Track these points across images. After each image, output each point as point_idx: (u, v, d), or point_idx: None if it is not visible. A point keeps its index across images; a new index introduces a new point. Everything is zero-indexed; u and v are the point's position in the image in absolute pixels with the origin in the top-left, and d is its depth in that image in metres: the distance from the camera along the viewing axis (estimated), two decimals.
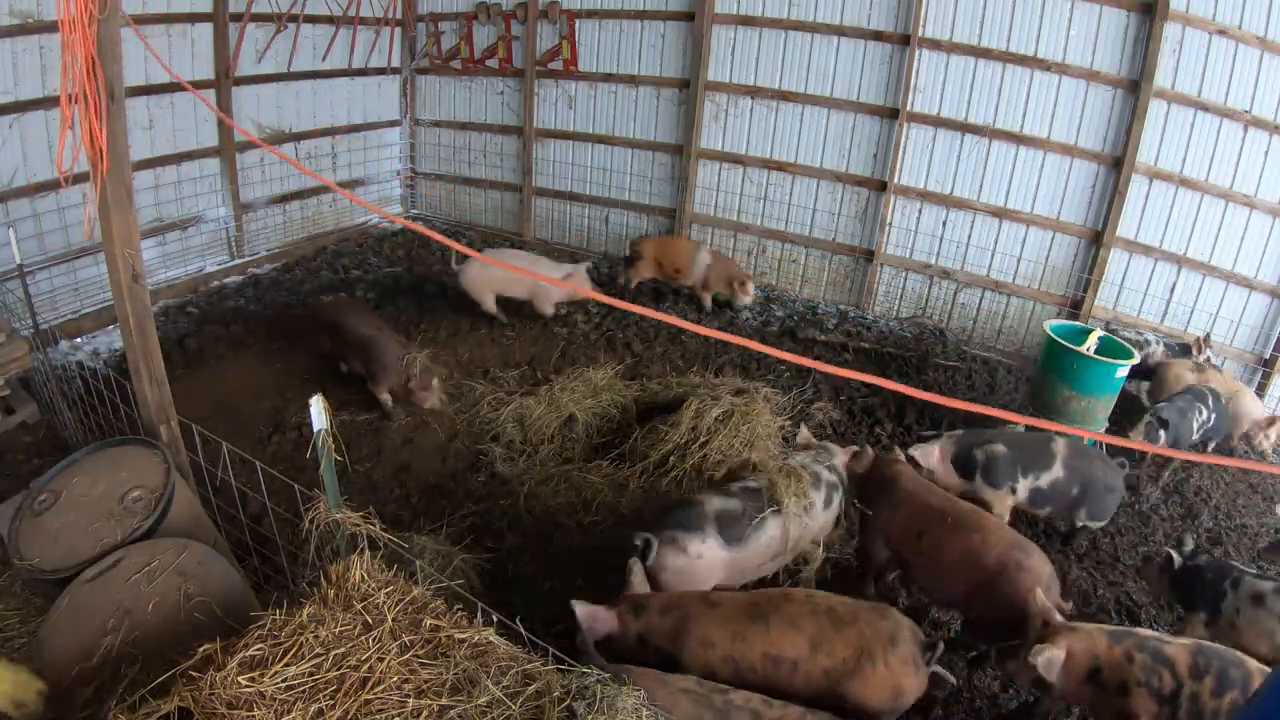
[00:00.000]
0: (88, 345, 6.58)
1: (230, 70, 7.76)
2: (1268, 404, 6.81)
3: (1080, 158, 7.06)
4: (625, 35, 8.61)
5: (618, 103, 8.94)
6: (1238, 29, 6.23)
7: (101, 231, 3.48)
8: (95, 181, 3.33)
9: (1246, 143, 6.47)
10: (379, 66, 9.59)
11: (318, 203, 9.31)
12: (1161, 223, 6.93)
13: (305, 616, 2.63)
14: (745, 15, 7.93)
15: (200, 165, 7.85)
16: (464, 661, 2.56)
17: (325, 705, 2.34)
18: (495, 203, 10.15)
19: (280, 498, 3.79)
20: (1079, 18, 6.72)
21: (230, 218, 8.24)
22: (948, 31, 7.16)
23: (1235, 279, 6.80)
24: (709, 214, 8.77)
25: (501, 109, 9.67)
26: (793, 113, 8.06)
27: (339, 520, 3.25)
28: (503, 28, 9.15)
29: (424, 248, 9.34)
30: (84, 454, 3.65)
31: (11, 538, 3.25)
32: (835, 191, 8.13)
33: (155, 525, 3.31)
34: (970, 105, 7.30)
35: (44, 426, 5.29)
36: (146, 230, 7.26)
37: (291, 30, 8.28)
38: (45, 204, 6.49)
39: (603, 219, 9.46)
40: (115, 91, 3.21)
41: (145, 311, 3.72)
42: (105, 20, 3.06)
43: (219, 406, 5.77)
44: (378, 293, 7.96)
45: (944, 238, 7.74)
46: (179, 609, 2.93)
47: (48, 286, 6.57)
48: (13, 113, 6.17)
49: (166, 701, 2.37)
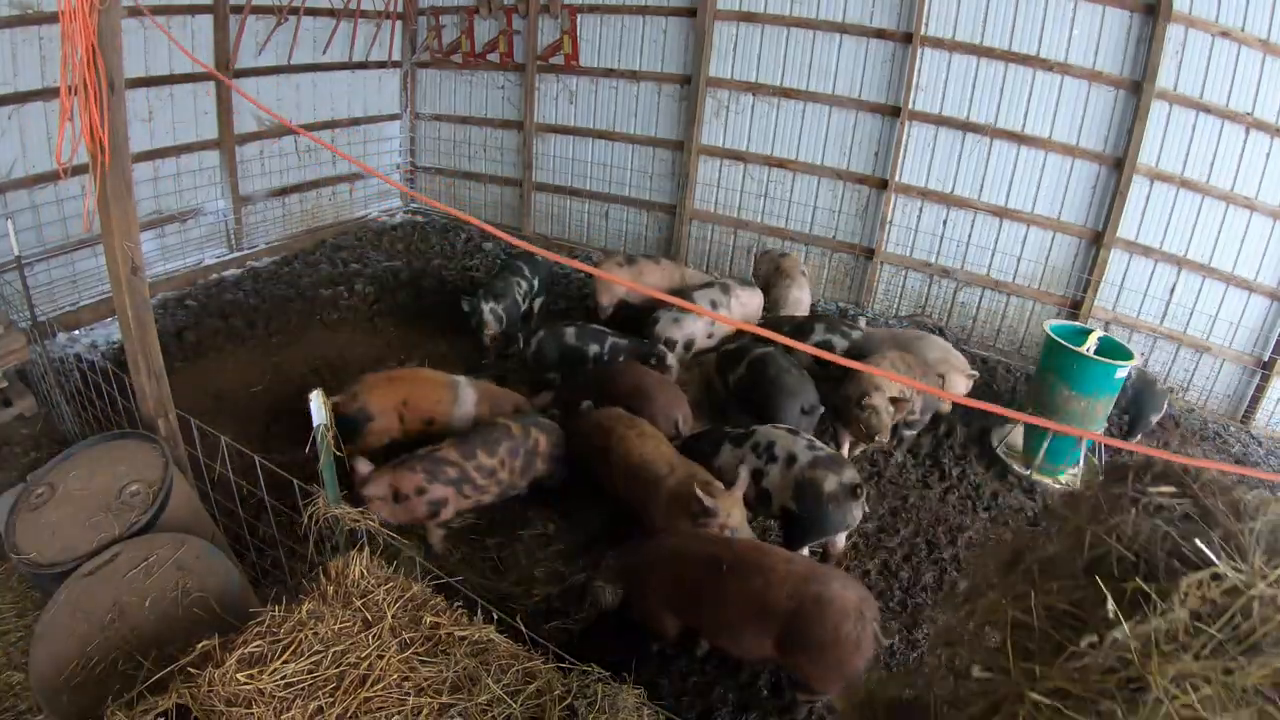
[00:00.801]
0: (86, 338, 6.56)
1: (230, 62, 7.72)
2: (1266, 406, 6.83)
3: (1081, 158, 7.05)
4: (627, 30, 8.58)
5: (619, 98, 8.91)
6: (1240, 31, 6.21)
7: (100, 223, 3.47)
8: (94, 173, 3.31)
9: (1248, 145, 6.45)
10: (379, 60, 9.55)
11: (317, 196, 9.28)
12: (1162, 224, 6.93)
13: (304, 613, 2.63)
14: (747, 11, 7.90)
15: (200, 158, 7.82)
16: (464, 659, 2.56)
17: (325, 703, 2.34)
18: (495, 197, 10.12)
19: (279, 492, 3.78)
20: (1082, 18, 6.71)
21: (229, 210, 8.21)
22: (950, 30, 7.14)
23: (1235, 281, 6.80)
24: (709, 210, 8.76)
25: (502, 103, 9.64)
26: (794, 110, 8.04)
27: (338, 516, 3.24)
28: (504, 22, 9.12)
29: (423, 241, 9.32)
30: (82, 447, 3.64)
31: (8, 531, 3.24)
32: (836, 189, 8.11)
33: (153, 519, 3.30)
34: (972, 104, 7.29)
35: (41, 419, 5.28)
36: (145, 222, 7.22)
37: (292, 23, 8.24)
38: (44, 196, 6.46)
39: (603, 214, 9.44)
40: (115, 83, 3.19)
41: (144, 304, 3.70)
42: (106, 10, 3.03)
43: (217, 400, 5.76)
44: (376, 287, 7.94)
45: (944, 236, 7.73)
46: (177, 604, 2.92)
47: (46, 278, 6.54)
48: (11, 104, 6.13)
49: (164, 698, 2.37)
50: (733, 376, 5.68)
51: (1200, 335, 6.98)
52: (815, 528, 4.23)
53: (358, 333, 7.20)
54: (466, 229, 9.75)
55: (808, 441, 4.42)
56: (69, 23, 2.99)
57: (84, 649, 2.75)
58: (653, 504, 4.18)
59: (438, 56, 9.77)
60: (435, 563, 3.89)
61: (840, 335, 6.03)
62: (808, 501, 4.17)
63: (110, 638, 2.79)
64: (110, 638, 2.79)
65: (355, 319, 7.43)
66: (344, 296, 7.72)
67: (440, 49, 9.70)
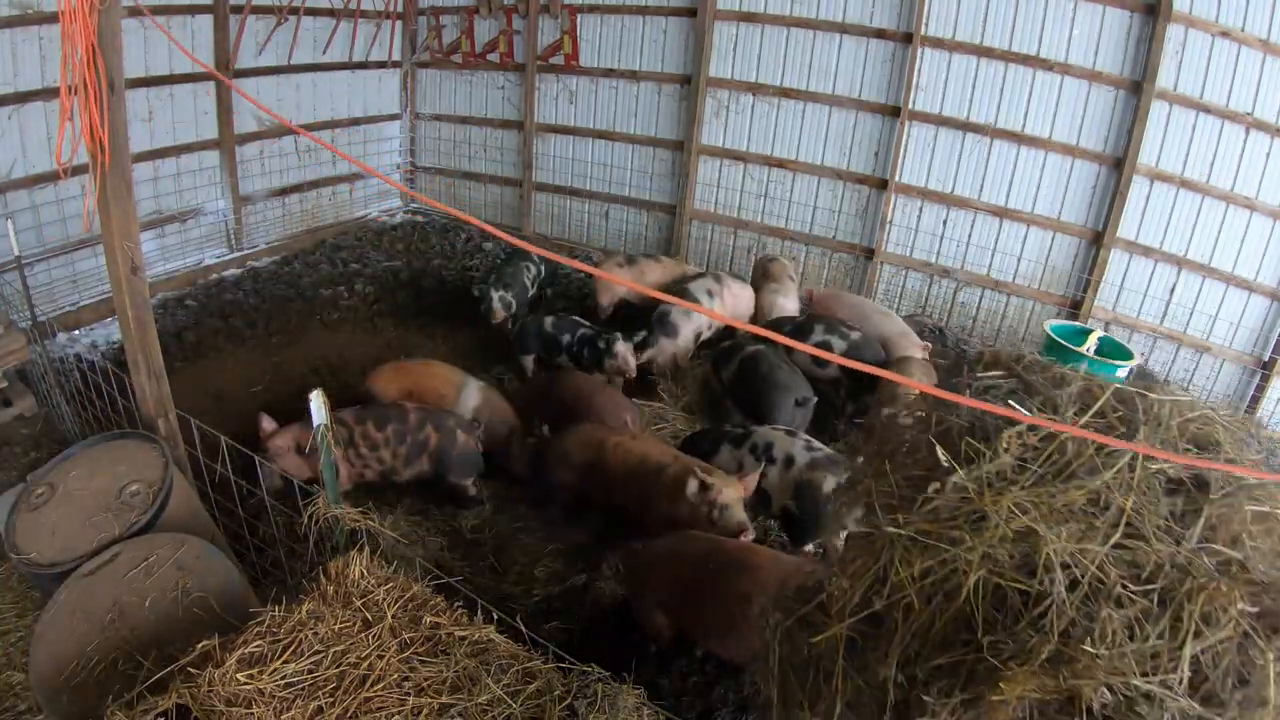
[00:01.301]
0: (86, 338, 6.56)
1: (230, 62, 7.72)
2: (1266, 407, 6.82)
3: (1082, 158, 7.05)
4: (627, 30, 8.58)
5: (619, 98, 8.91)
6: (1241, 31, 6.21)
7: (100, 223, 3.47)
8: (94, 173, 3.31)
9: (1248, 145, 6.45)
10: (379, 60, 9.54)
11: (317, 196, 9.27)
12: (1162, 224, 6.92)
13: (304, 613, 2.63)
14: (747, 11, 7.90)
15: (200, 158, 7.81)
16: (464, 659, 2.56)
17: (325, 703, 2.34)
18: (495, 197, 10.12)
19: (279, 492, 3.78)
20: (1082, 18, 6.70)
21: (229, 210, 8.20)
22: (950, 30, 7.14)
23: (1235, 281, 6.79)
24: (709, 210, 8.76)
25: (502, 103, 9.64)
26: (794, 110, 8.04)
27: (338, 516, 3.25)
28: (504, 22, 9.11)
29: (423, 241, 9.32)
30: (82, 447, 3.64)
31: (8, 531, 3.24)
32: (836, 189, 8.11)
33: (153, 519, 3.29)
34: (972, 104, 7.28)
35: (41, 419, 5.27)
36: (145, 222, 7.21)
37: (292, 23, 8.24)
38: (44, 196, 6.45)
39: (603, 214, 9.44)
40: (115, 83, 3.19)
41: (144, 304, 3.70)
42: (106, 10, 3.03)
43: (217, 400, 5.76)
44: (376, 287, 7.94)
45: (944, 236, 7.73)
46: (177, 604, 2.92)
47: (46, 278, 6.53)
48: (12, 104, 6.12)
49: (164, 698, 2.37)
50: (726, 373, 5.77)
51: (1200, 335, 6.97)
52: (815, 528, 4.24)
53: (358, 333, 7.20)
54: (466, 229, 9.74)
55: (805, 442, 4.42)
56: (69, 23, 2.99)
57: (84, 649, 2.75)
58: (654, 495, 4.20)
59: (438, 56, 9.77)
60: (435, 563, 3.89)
61: (839, 336, 6.04)
62: (807, 502, 4.18)
63: (110, 638, 2.79)
64: (110, 638, 2.79)
65: (355, 319, 7.43)
66: (344, 296, 7.72)
67: (440, 49, 9.70)
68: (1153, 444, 1.79)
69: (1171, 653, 1.56)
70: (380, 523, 3.37)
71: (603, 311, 7.21)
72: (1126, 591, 1.62)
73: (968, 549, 1.72)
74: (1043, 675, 1.57)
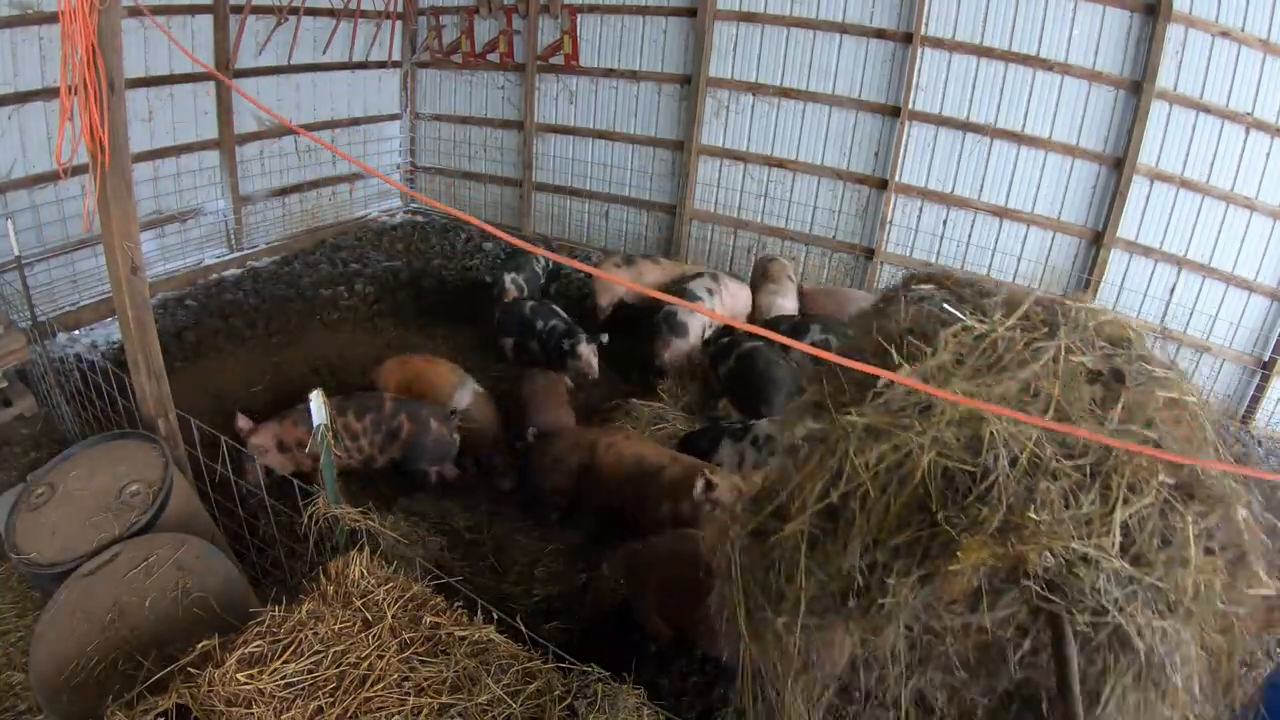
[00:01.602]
0: (86, 338, 6.56)
1: (230, 62, 7.72)
2: (1265, 406, 6.82)
3: (1081, 158, 7.05)
4: (627, 30, 8.58)
5: (619, 98, 8.91)
6: (1241, 31, 6.21)
7: (100, 224, 3.47)
8: (94, 173, 3.31)
9: (1248, 145, 6.44)
10: (379, 60, 9.54)
11: (317, 196, 9.27)
12: (1162, 224, 6.92)
13: (304, 613, 2.63)
14: (747, 11, 7.90)
15: (200, 158, 7.81)
16: (464, 659, 2.56)
17: (325, 703, 2.34)
18: (495, 197, 10.12)
19: (279, 492, 3.78)
20: (1082, 18, 6.70)
21: (229, 210, 8.20)
22: (950, 30, 7.13)
23: (1235, 281, 6.79)
24: (709, 210, 8.75)
25: (502, 103, 9.64)
26: (794, 110, 8.03)
27: (338, 516, 3.24)
28: (504, 22, 9.11)
29: (423, 241, 9.32)
30: (82, 447, 3.64)
31: (8, 531, 3.24)
32: (836, 189, 8.11)
33: (153, 519, 3.29)
34: (972, 104, 7.28)
35: (41, 419, 5.27)
36: (145, 222, 7.21)
37: (292, 23, 8.24)
38: (44, 196, 6.45)
39: (603, 214, 9.44)
40: (115, 83, 3.19)
41: (144, 304, 3.70)
42: (106, 10, 3.03)
43: (217, 400, 5.75)
44: (376, 287, 7.94)
45: (944, 236, 7.73)
46: (177, 604, 2.92)
47: (46, 279, 6.54)
48: (12, 104, 6.12)
49: (164, 698, 2.37)
50: (723, 369, 5.88)
51: (1200, 335, 6.97)
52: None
53: (358, 333, 7.19)
54: (466, 229, 9.74)
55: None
56: (69, 23, 2.99)
57: (84, 649, 2.75)
58: (652, 496, 4.19)
59: (438, 56, 9.77)
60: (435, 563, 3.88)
61: (838, 336, 6.05)
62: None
63: (110, 638, 2.79)
64: (110, 638, 2.79)
65: (355, 319, 7.42)
66: (344, 296, 7.72)
67: (440, 49, 9.70)
68: (1072, 342, 2.01)
69: (1103, 519, 1.75)
70: (380, 523, 3.37)
71: (601, 312, 7.21)
72: (1061, 465, 1.81)
73: (919, 433, 1.88)
74: (993, 543, 1.73)
